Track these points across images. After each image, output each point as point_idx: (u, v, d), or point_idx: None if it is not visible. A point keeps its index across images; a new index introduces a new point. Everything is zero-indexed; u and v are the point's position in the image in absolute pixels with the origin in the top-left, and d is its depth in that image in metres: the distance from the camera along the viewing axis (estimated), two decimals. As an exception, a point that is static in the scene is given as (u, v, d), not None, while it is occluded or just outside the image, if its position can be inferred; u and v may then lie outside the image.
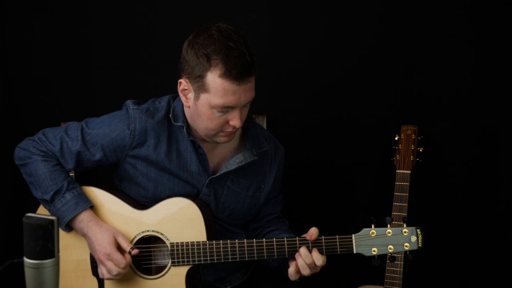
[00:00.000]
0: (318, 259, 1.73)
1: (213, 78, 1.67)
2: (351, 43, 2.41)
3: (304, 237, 1.76)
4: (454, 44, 2.36)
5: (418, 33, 2.37)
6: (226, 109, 1.71)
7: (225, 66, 1.65)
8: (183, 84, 1.75)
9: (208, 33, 1.69)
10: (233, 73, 1.66)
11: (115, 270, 1.75)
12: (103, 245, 1.76)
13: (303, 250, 1.74)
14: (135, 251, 1.78)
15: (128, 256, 1.76)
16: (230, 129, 1.76)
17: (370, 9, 2.39)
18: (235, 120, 1.73)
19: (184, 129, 1.82)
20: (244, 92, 1.70)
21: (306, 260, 1.72)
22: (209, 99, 1.70)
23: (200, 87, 1.70)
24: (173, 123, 1.84)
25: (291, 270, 1.75)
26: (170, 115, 1.84)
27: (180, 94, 1.78)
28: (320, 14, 2.43)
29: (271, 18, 2.44)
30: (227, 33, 1.68)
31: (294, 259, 1.76)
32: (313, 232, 1.75)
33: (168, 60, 2.43)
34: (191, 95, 1.75)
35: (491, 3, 2.32)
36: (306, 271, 1.74)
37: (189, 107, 1.78)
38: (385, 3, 2.38)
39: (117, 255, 1.75)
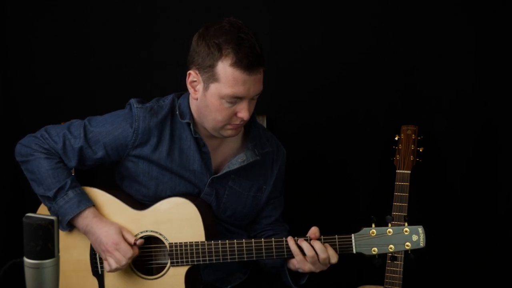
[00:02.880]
0: (334, 256, 1.72)
1: (224, 67, 1.68)
2: (351, 42, 2.41)
3: (303, 237, 1.75)
4: (454, 43, 2.36)
5: (419, 33, 2.37)
6: (235, 99, 1.71)
7: (236, 55, 1.66)
8: (192, 75, 1.75)
9: (219, 25, 1.71)
10: (244, 63, 1.66)
11: (124, 260, 1.75)
12: (111, 235, 1.76)
13: (317, 244, 1.72)
14: (140, 241, 1.79)
15: (135, 248, 1.78)
16: (237, 122, 1.76)
17: (370, 8, 2.39)
18: (243, 112, 1.73)
19: (191, 126, 1.82)
20: (254, 83, 1.71)
21: (321, 254, 1.71)
22: (219, 88, 1.70)
23: (210, 77, 1.71)
24: (180, 120, 1.84)
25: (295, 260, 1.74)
26: (176, 113, 1.84)
27: (189, 86, 1.78)
28: (320, 13, 2.42)
29: (271, 17, 2.44)
30: (238, 26, 1.71)
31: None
32: (315, 231, 1.74)
33: (168, 60, 2.43)
34: (200, 86, 1.75)
35: (491, 3, 2.32)
36: (315, 266, 1.73)
37: (197, 99, 1.78)
38: (385, 2, 2.37)
39: (125, 244, 1.76)
